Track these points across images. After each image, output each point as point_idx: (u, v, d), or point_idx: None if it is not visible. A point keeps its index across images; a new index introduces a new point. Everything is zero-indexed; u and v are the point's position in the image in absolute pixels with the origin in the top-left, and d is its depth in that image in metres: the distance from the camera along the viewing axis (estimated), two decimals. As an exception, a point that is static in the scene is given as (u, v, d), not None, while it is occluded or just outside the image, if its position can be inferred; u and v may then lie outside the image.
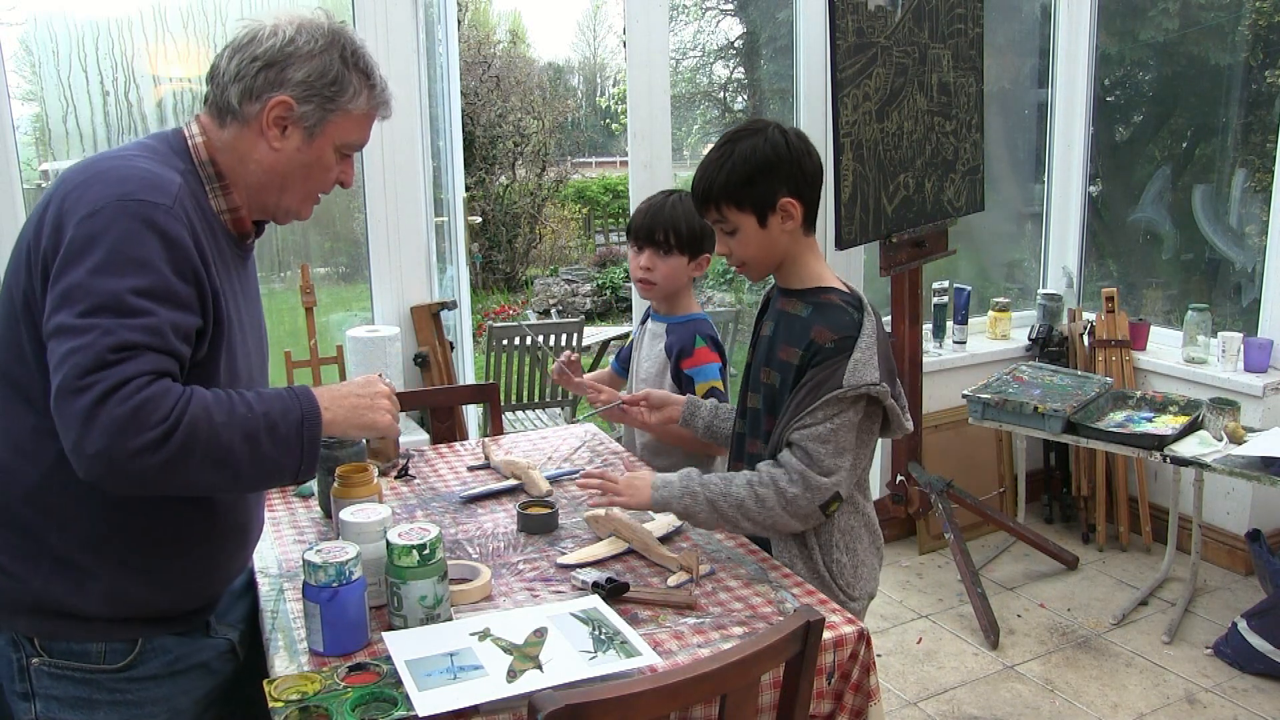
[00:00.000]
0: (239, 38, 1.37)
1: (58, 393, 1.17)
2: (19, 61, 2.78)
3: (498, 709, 1.28)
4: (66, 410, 1.16)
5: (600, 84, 16.29)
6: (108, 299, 1.19)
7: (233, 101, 1.35)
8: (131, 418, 1.16)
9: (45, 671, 1.32)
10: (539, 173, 11.93)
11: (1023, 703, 2.81)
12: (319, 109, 1.36)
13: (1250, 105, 3.89)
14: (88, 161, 1.31)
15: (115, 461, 1.16)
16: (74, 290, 1.19)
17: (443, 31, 3.19)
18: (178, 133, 1.40)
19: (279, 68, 1.34)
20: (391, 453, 2.19)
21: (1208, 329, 3.63)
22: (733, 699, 1.27)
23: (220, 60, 1.37)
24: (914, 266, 3.35)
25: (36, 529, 1.30)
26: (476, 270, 11.02)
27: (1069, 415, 3.08)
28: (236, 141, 1.37)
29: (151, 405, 1.18)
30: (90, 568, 1.31)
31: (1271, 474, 2.73)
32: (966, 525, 3.70)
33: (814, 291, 1.74)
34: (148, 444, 1.17)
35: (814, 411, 1.63)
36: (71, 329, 1.18)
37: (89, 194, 1.24)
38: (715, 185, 1.69)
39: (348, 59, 1.38)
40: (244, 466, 1.25)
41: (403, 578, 1.44)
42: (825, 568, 1.73)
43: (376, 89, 1.43)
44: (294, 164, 1.39)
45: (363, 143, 1.47)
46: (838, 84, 2.84)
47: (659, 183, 3.24)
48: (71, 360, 1.16)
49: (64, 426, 1.17)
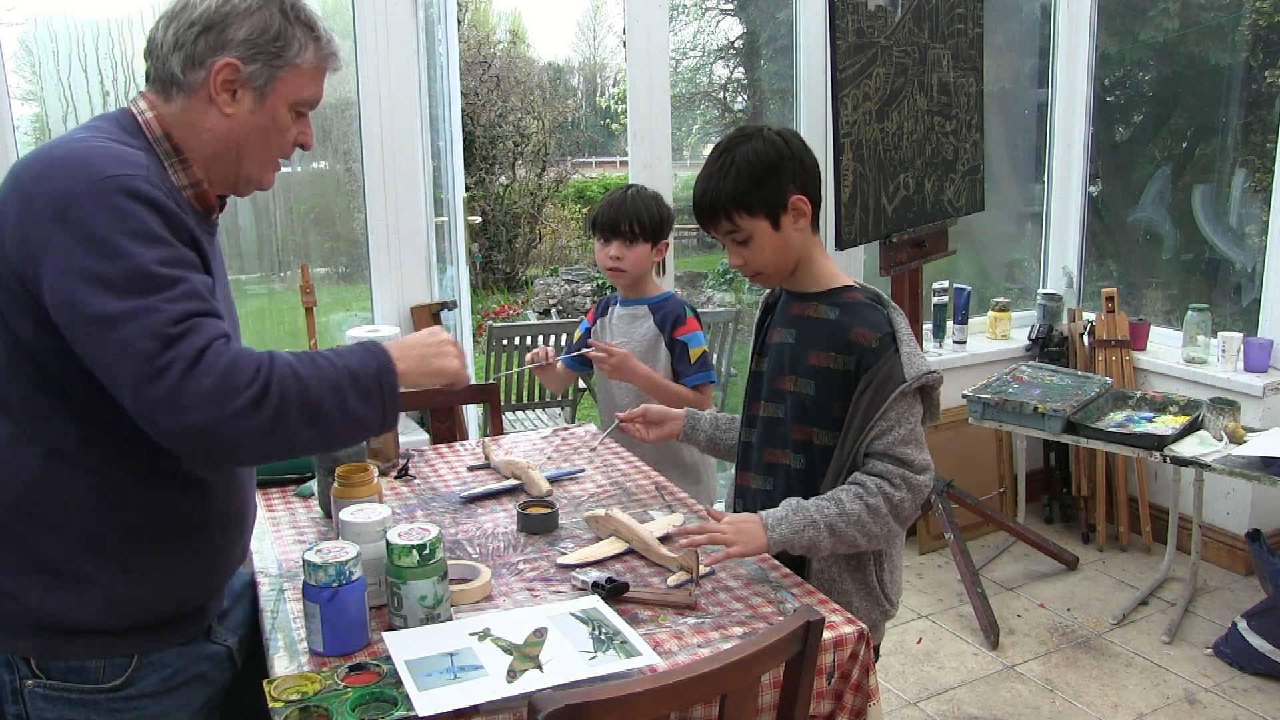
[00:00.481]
0: (173, 6, 1.31)
1: (134, 384, 1.12)
2: (19, 61, 2.78)
3: (498, 709, 1.28)
4: (149, 397, 1.12)
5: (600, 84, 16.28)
6: (137, 277, 1.14)
7: (176, 71, 1.29)
8: (222, 385, 1.13)
9: (40, 694, 1.28)
10: (539, 173, 11.93)
11: (1023, 703, 2.81)
12: (266, 67, 1.31)
13: (1250, 105, 3.89)
14: (35, 155, 1.23)
15: (217, 432, 1.13)
16: (93, 280, 1.13)
17: (443, 31, 3.19)
18: (125, 112, 1.33)
19: (218, 29, 1.29)
20: (391, 453, 2.19)
21: (1208, 329, 3.63)
22: (733, 699, 1.27)
23: (156, 32, 1.31)
24: (914, 266, 3.35)
25: (29, 541, 1.25)
26: (476, 270, 11.02)
27: (1069, 415, 3.08)
28: (186, 113, 1.31)
29: (236, 369, 1.15)
30: (90, 574, 1.27)
31: (1271, 474, 2.73)
32: (966, 525, 3.70)
33: (835, 292, 1.72)
34: (245, 407, 1.14)
35: (886, 413, 1.61)
36: (113, 317, 1.12)
37: (52, 185, 1.17)
38: (723, 194, 1.65)
39: (288, 12, 1.33)
40: (334, 421, 1.23)
41: (403, 578, 1.44)
42: (878, 580, 1.72)
43: (322, 40, 1.38)
44: (249, 128, 1.33)
45: (317, 98, 1.40)
46: (838, 84, 2.84)
47: (659, 182, 3.24)
48: (134, 348, 1.12)
49: (152, 414, 1.13)
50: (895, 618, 3.22)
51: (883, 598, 1.73)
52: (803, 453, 1.74)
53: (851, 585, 1.71)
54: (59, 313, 1.16)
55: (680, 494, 2.05)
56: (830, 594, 1.66)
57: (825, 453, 1.70)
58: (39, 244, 1.16)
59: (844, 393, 1.67)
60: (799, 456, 1.74)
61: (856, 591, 1.72)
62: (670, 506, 1.97)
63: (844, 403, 1.67)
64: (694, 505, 1.99)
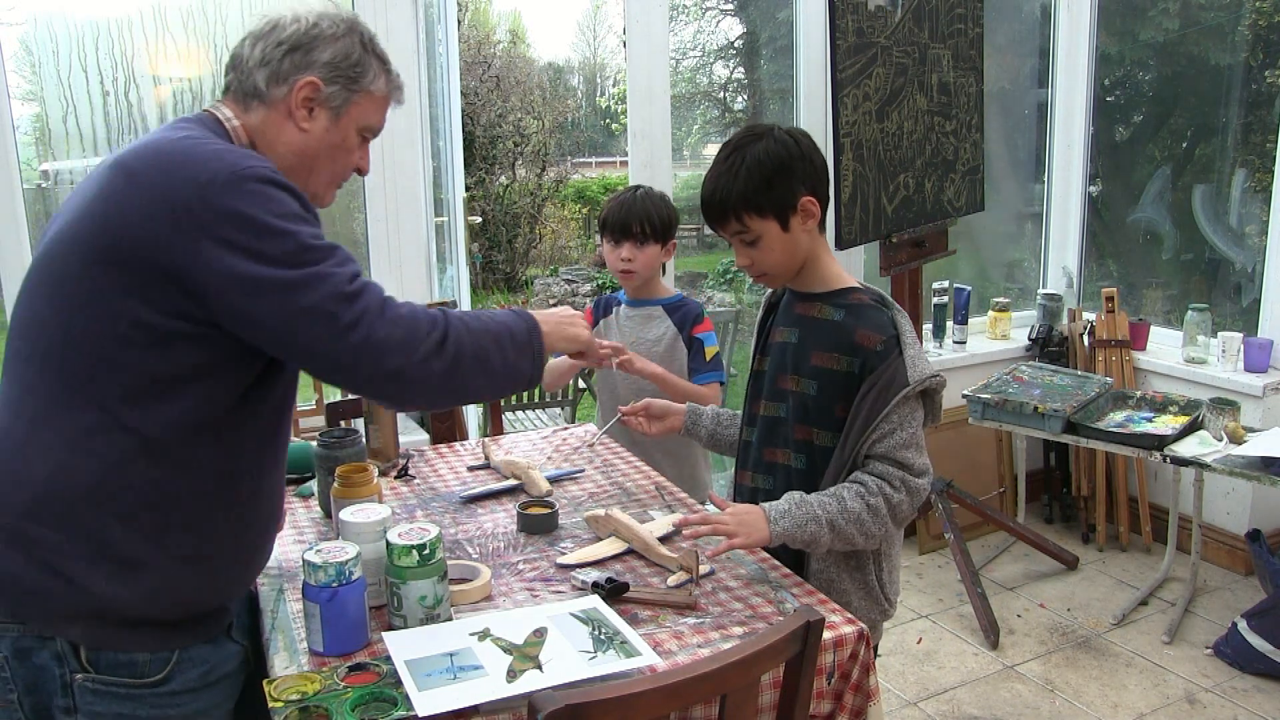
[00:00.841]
0: (260, 28, 1.41)
1: (329, 340, 1.24)
2: (19, 61, 2.78)
3: (498, 709, 1.28)
4: (346, 349, 1.24)
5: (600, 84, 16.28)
6: (301, 250, 1.25)
7: (260, 85, 1.38)
8: (410, 332, 1.28)
9: (88, 688, 1.29)
10: (539, 173, 11.93)
11: (1023, 703, 2.81)
12: (344, 89, 1.41)
13: (1250, 105, 3.89)
14: (152, 150, 1.28)
15: (410, 375, 1.28)
16: (262, 259, 1.22)
17: (443, 31, 3.19)
18: (209, 117, 1.40)
19: (304, 50, 1.39)
20: (391, 453, 2.19)
21: (1208, 329, 3.63)
22: (733, 699, 1.27)
23: (242, 49, 1.41)
24: (914, 266, 3.35)
25: (97, 528, 1.26)
26: (476, 270, 11.02)
27: (1069, 415, 3.08)
28: (264, 125, 1.40)
29: (416, 319, 1.31)
30: (148, 562, 1.28)
31: (1271, 474, 2.73)
32: (966, 525, 3.70)
33: (839, 294, 1.71)
34: (430, 352, 1.29)
35: (889, 416, 1.61)
36: (292, 284, 1.23)
37: (192, 176, 1.23)
38: (733, 195, 1.64)
39: (366, 44, 1.44)
40: (498, 370, 1.38)
41: (402, 578, 1.44)
42: (878, 581, 1.73)
43: (392, 73, 1.49)
44: (322, 145, 1.42)
45: (380, 126, 1.51)
46: (838, 84, 2.84)
47: (659, 182, 3.24)
48: (321, 309, 1.23)
49: (351, 365, 1.26)
50: (896, 618, 3.23)
51: (882, 597, 1.74)
52: (803, 452, 1.74)
53: (850, 585, 1.71)
54: (225, 294, 1.23)
55: (680, 494, 2.05)
56: (829, 593, 1.66)
57: (825, 453, 1.70)
58: (188, 234, 1.22)
59: (846, 394, 1.67)
60: (800, 456, 1.74)
61: (855, 591, 1.72)
62: (670, 506, 1.97)
63: (846, 404, 1.67)
64: (694, 505, 1.99)
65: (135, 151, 1.29)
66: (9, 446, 1.28)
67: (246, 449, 1.35)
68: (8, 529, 1.25)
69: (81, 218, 1.27)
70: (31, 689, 1.30)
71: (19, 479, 1.26)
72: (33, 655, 1.28)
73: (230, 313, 1.25)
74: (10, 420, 1.29)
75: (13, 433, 1.28)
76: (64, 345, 1.26)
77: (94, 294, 1.24)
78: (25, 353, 1.29)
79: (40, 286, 1.29)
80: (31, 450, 1.26)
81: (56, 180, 2.87)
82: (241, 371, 1.31)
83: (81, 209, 1.27)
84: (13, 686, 1.29)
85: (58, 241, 1.28)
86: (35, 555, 1.25)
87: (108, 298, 1.24)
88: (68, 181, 2.85)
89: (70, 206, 1.32)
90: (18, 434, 1.28)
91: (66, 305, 1.26)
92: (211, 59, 2.88)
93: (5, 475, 1.27)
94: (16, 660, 1.29)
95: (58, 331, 1.26)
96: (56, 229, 1.31)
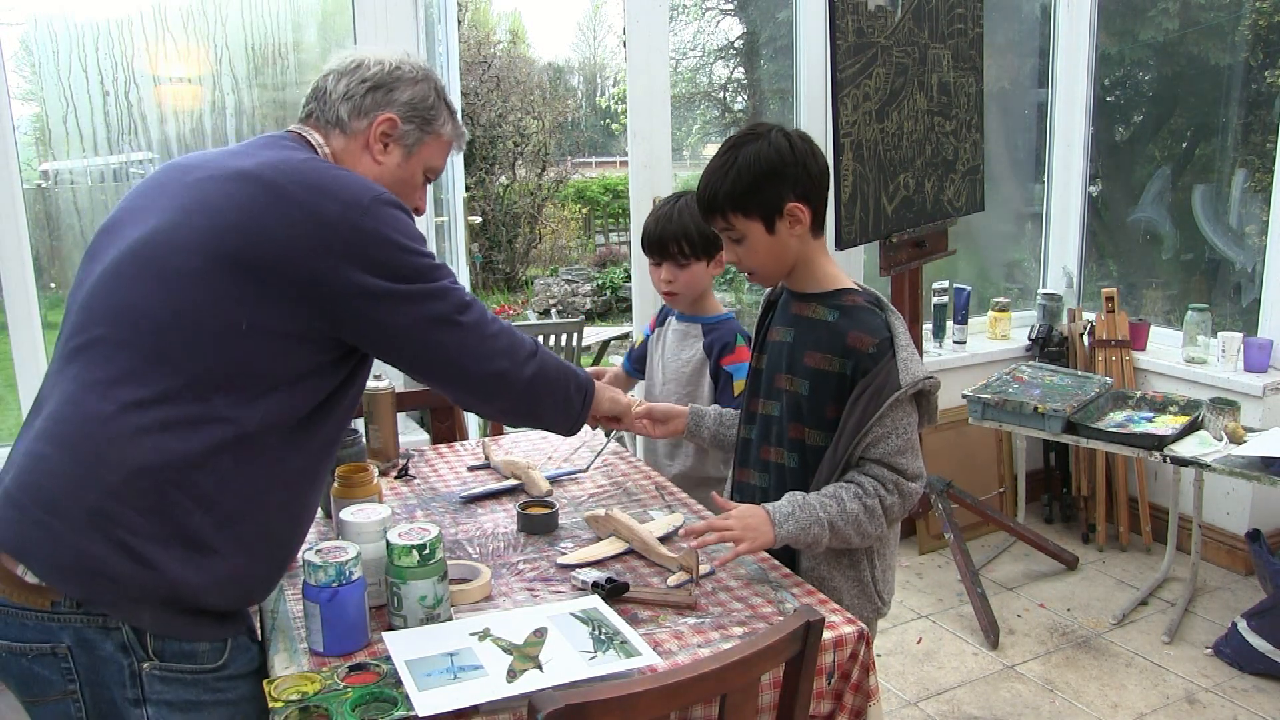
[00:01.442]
0: (343, 64, 1.53)
1: (455, 343, 1.42)
2: (19, 61, 2.78)
3: (498, 709, 1.28)
4: (465, 352, 1.43)
5: (600, 84, 16.29)
6: (429, 269, 1.40)
7: (342, 116, 1.50)
8: (512, 341, 1.49)
9: (156, 676, 1.31)
10: (539, 173, 11.93)
11: (1023, 703, 2.81)
12: (418, 129, 1.54)
13: (1250, 105, 3.89)
14: (296, 168, 1.37)
15: (511, 375, 1.48)
16: (397, 275, 1.36)
17: (443, 31, 3.19)
18: (303, 140, 1.49)
19: (386, 89, 1.51)
20: (391, 453, 2.19)
21: (1208, 329, 3.63)
22: (733, 699, 1.27)
23: (326, 82, 1.53)
24: (914, 266, 3.35)
25: (179, 511, 1.28)
26: (476, 270, 11.02)
27: (1069, 415, 3.08)
28: (343, 154, 1.51)
29: (513, 330, 1.50)
30: (219, 549, 1.31)
31: (1271, 474, 2.73)
32: (966, 525, 3.70)
33: (834, 295, 1.72)
34: (526, 357, 1.50)
35: (881, 419, 1.62)
36: (422, 295, 1.38)
37: (338, 195, 1.35)
38: (720, 193, 1.66)
39: (440, 91, 1.58)
40: (559, 399, 1.60)
41: (403, 578, 1.44)
42: (872, 579, 1.73)
43: (458, 121, 1.63)
44: (393, 178, 1.53)
45: (442, 169, 1.64)
46: (838, 84, 2.84)
47: (659, 182, 3.24)
48: (447, 317, 1.40)
49: (462, 366, 1.44)
50: (896, 618, 3.24)
51: (876, 595, 1.74)
52: (796, 451, 1.74)
53: (844, 582, 1.72)
54: (359, 306, 1.35)
55: (680, 494, 2.05)
56: (821, 591, 1.67)
57: (817, 452, 1.71)
58: (332, 249, 1.32)
59: (838, 395, 1.67)
60: (792, 455, 1.74)
61: (849, 589, 1.72)
62: (670, 506, 1.97)
63: (837, 405, 1.67)
64: (694, 505, 1.99)
65: (271, 166, 1.37)
66: (96, 428, 1.28)
67: (315, 451, 1.42)
68: (91, 508, 1.26)
69: (206, 220, 1.32)
70: (93, 680, 1.31)
71: (109, 461, 1.27)
72: (96, 647, 1.30)
73: (360, 324, 1.36)
74: (98, 403, 1.29)
75: (101, 414, 1.28)
76: (174, 336, 1.30)
77: (216, 293, 1.30)
78: (121, 339, 1.31)
79: (144, 278, 1.33)
80: (125, 433, 1.27)
81: (56, 180, 2.87)
82: (331, 377, 1.40)
83: (204, 211, 1.33)
84: (74, 676, 1.31)
85: (166, 238, 1.33)
86: (114, 536, 1.25)
87: (231, 298, 1.30)
88: (68, 181, 2.85)
89: (171, 206, 1.36)
90: (107, 416, 1.28)
91: (180, 299, 1.31)
92: (211, 59, 2.88)
93: (93, 455, 1.27)
94: (80, 650, 1.30)
95: (169, 323, 1.30)
96: (155, 224, 1.35)
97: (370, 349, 1.42)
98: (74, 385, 1.32)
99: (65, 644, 1.30)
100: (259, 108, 2.94)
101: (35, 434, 1.33)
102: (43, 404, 1.36)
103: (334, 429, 1.45)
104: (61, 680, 1.31)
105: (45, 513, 1.26)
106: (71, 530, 1.25)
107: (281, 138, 1.50)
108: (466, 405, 1.67)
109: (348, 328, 1.37)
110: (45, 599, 1.28)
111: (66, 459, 1.28)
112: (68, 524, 1.25)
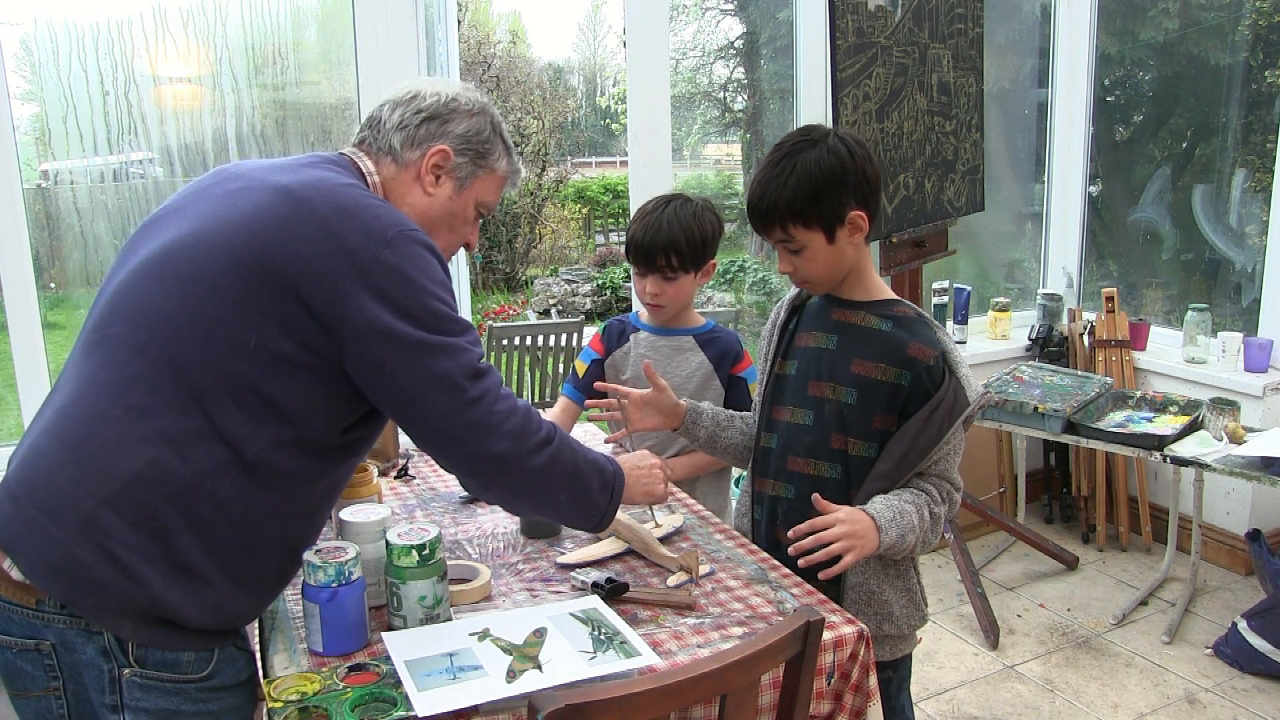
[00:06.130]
0: (400, 95, 1.50)
1: (448, 409, 1.30)
2: (19, 61, 2.77)
3: (497, 709, 1.28)
4: (462, 422, 1.30)
5: (600, 84, 16.29)
6: (446, 320, 1.32)
7: (395, 145, 1.47)
8: (523, 424, 1.35)
9: (136, 683, 1.29)
10: (539, 173, 11.94)
11: (1023, 703, 2.81)
12: (471, 163, 1.50)
13: (1250, 105, 3.89)
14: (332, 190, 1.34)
15: (510, 463, 1.34)
16: (410, 318, 1.29)
17: (443, 31, 3.18)
18: (353, 165, 1.46)
19: (440, 120, 1.48)
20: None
21: (1208, 329, 3.63)
22: (733, 699, 1.27)
23: (381, 111, 1.50)
24: (914, 266, 3.35)
25: (171, 532, 1.27)
26: (476, 270, 11.03)
27: (1069, 415, 3.08)
28: (394, 183, 1.48)
29: (530, 414, 1.37)
30: (208, 576, 1.29)
31: (1271, 474, 2.73)
32: (966, 525, 3.70)
33: (884, 304, 1.69)
34: (535, 446, 1.36)
35: (951, 438, 1.62)
36: (431, 348, 1.29)
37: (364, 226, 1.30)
38: (780, 204, 1.60)
39: (496, 126, 1.54)
40: (580, 493, 1.44)
41: (402, 578, 1.44)
42: (919, 586, 1.74)
43: (513, 156, 1.58)
44: (443, 211, 1.50)
45: (495, 205, 1.59)
46: (838, 84, 2.84)
47: (659, 182, 3.24)
48: (450, 379, 1.30)
49: (459, 437, 1.31)
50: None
51: (922, 602, 1.75)
52: (838, 462, 1.69)
53: (893, 594, 1.70)
54: (365, 340, 1.28)
55: (680, 494, 2.05)
56: (868, 605, 1.67)
57: (861, 463, 1.67)
58: (349, 275, 1.28)
59: (889, 405, 1.64)
60: (834, 466, 1.69)
61: (898, 600, 1.70)
62: (670, 507, 1.96)
63: (886, 414, 1.64)
64: (694, 506, 1.99)
65: (307, 184, 1.34)
66: (101, 431, 1.27)
67: (319, 488, 1.38)
68: (84, 514, 1.24)
69: (234, 231, 1.30)
70: (75, 681, 1.30)
71: (108, 467, 1.25)
72: (78, 649, 1.29)
73: (363, 359, 1.30)
74: (105, 404, 1.28)
75: (106, 417, 1.27)
76: (186, 345, 1.28)
77: (230, 304, 1.28)
78: (136, 342, 1.29)
79: (167, 281, 1.31)
80: (127, 440, 1.26)
81: (56, 180, 2.87)
82: (342, 416, 1.35)
83: (234, 221, 1.31)
84: (57, 674, 1.30)
85: (195, 243, 1.32)
86: (104, 546, 1.24)
87: (243, 310, 1.28)
88: (68, 181, 2.85)
89: (207, 212, 1.34)
90: (111, 419, 1.27)
91: (197, 308, 1.29)
92: (211, 59, 2.88)
93: (93, 460, 1.26)
94: (64, 650, 1.29)
95: (185, 330, 1.28)
96: (189, 229, 1.33)
97: (364, 388, 1.33)
98: (86, 383, 1.31)
99: (50, 641, 1.29)
100: (259, 108, 2.94)
101: (43, 427, 1.32)
102: (58, 391, 1.35)
103: (342, 473, 1.42)
104: (45, 677, 1.31)
105: (39, 511, 1.26)
106: (62, 533, 1.24)
107: (331, 159, 1.47)
108: (464, 485, 1.58)
109: (355, 364, 1.31)
110: (31, 596, 1.27)
111: (67, 459, 1.27)
112: (59, 526, 1.24)
